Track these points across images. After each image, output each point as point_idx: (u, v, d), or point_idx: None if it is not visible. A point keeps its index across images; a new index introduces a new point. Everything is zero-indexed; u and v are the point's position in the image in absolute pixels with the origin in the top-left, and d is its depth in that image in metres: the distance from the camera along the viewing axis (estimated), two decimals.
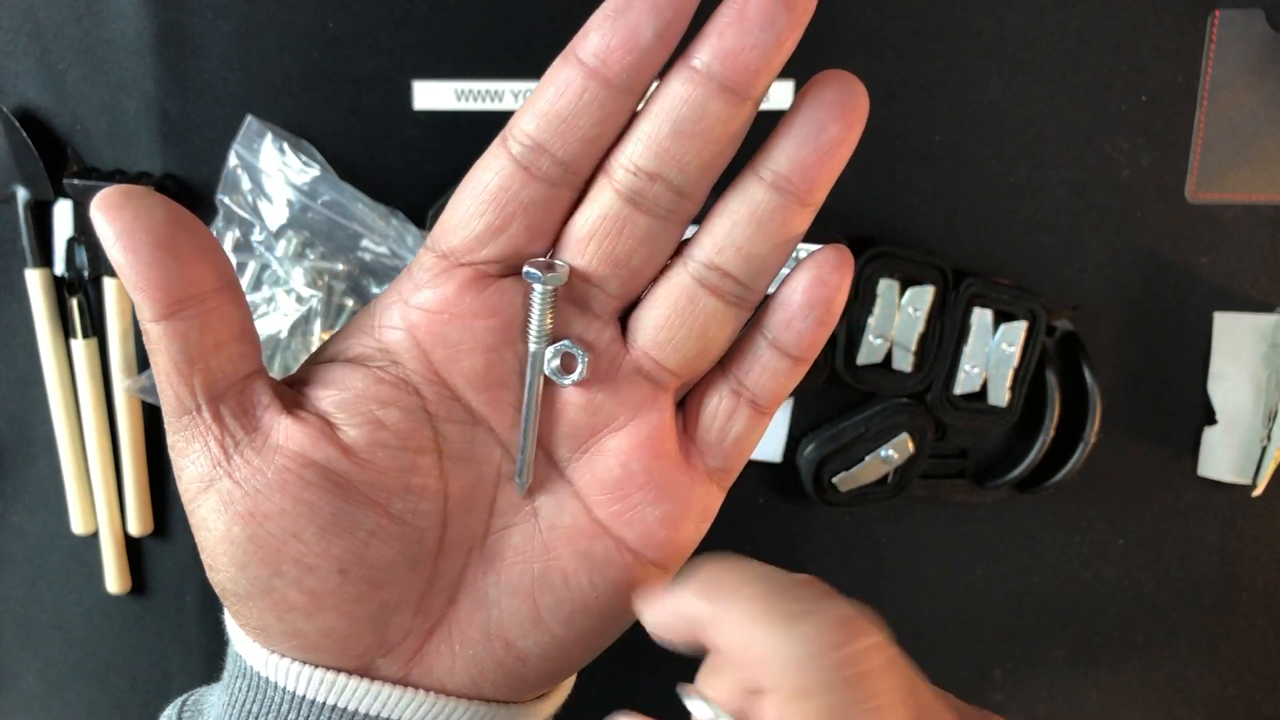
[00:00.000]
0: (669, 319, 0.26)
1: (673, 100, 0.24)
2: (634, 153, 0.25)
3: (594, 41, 0.24)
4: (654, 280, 0.27)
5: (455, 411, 0.27)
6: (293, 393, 0.26)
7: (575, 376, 0.26)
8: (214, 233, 0.49)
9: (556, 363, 0.26)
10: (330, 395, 0.26)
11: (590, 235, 0.26)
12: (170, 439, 0.25)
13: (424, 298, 0.26)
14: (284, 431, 0.25)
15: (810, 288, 0.26)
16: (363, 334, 0.27)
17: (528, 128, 0.25)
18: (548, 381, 0.27)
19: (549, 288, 0.25)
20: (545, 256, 0.26)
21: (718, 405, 0.28)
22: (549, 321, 0.26)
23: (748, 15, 0.23)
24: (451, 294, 0.26)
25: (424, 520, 0.26)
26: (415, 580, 0.26)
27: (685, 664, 0.26)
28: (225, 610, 0.27)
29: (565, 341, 0.26)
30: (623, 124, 0.25)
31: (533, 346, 0.26)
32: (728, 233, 0.26)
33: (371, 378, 0.26)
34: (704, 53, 0.24)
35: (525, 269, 0.25)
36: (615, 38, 0.24)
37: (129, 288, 0.24)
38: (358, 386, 0.26)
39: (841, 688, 0.21)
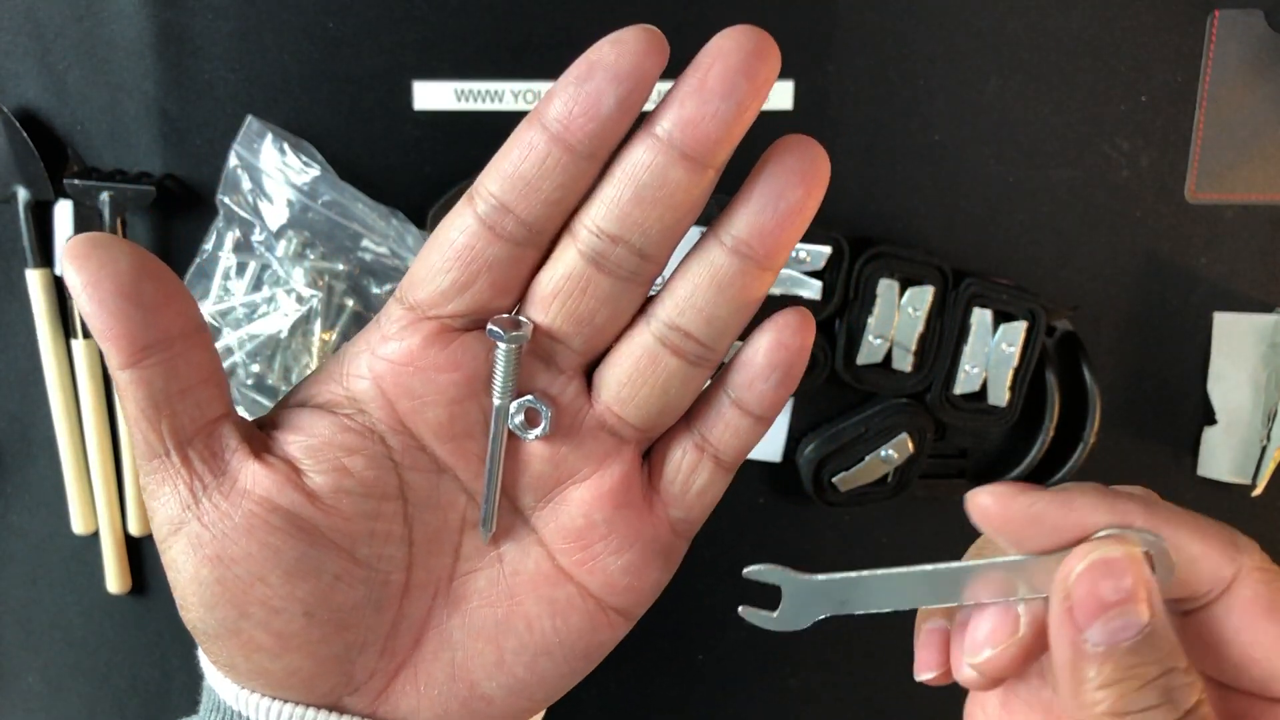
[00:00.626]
0: (631, 376, 0.27)
1: (634, 166, 0.25)
2: (597, 215, 0.25)
3: (557, 108, 0.24)
4: (618, 337, 0.27)
5: (420, 460, 0.27)
6: (261, 435, 0.27)
7: (538, 432, 0.27)
8: (214, 233, 0.49)
9: (520, 418, 0.27)
10: (297, 441, 0.26)
11: (554, 294, 0.26)
12: (141, 481, 0.26)
13: (390, 349, 0.26)
14: (251, 476, 0.26)
15: (771, 350, 0.27)
16: (331, 381, 0.27)
17: (492, 188, 0.25)
18: (512, 435, 0.27)
19: (513, 345, 0.26)
20: (510, 313, 0.26)
21: (681, 459, 0.28)
22: (513, 377, 0.26)
23: (709, 85, 0.24)
24: (416, 347, 0.26)
25: (389, 564, 0.27)
26: (380, 622, 0.27)
27: (685, 678, 0.26)
28: (199, 646, 0.28)
29: (529, 397, 0.27)
30: (586, 187, 0.25)
31: (497, 401, 0.26)
32: (689, 295, 0.26)
33: (338, 425, 0.26)
34: (666, 120, 0.24)
35: (489, 327, 0.26)
36: (577, 105, 0.24)
37: (96, 337, 0.24)
38: (324, 433, 0.26)
39: None
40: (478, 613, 0.28)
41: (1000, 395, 0.50)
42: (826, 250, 0.48)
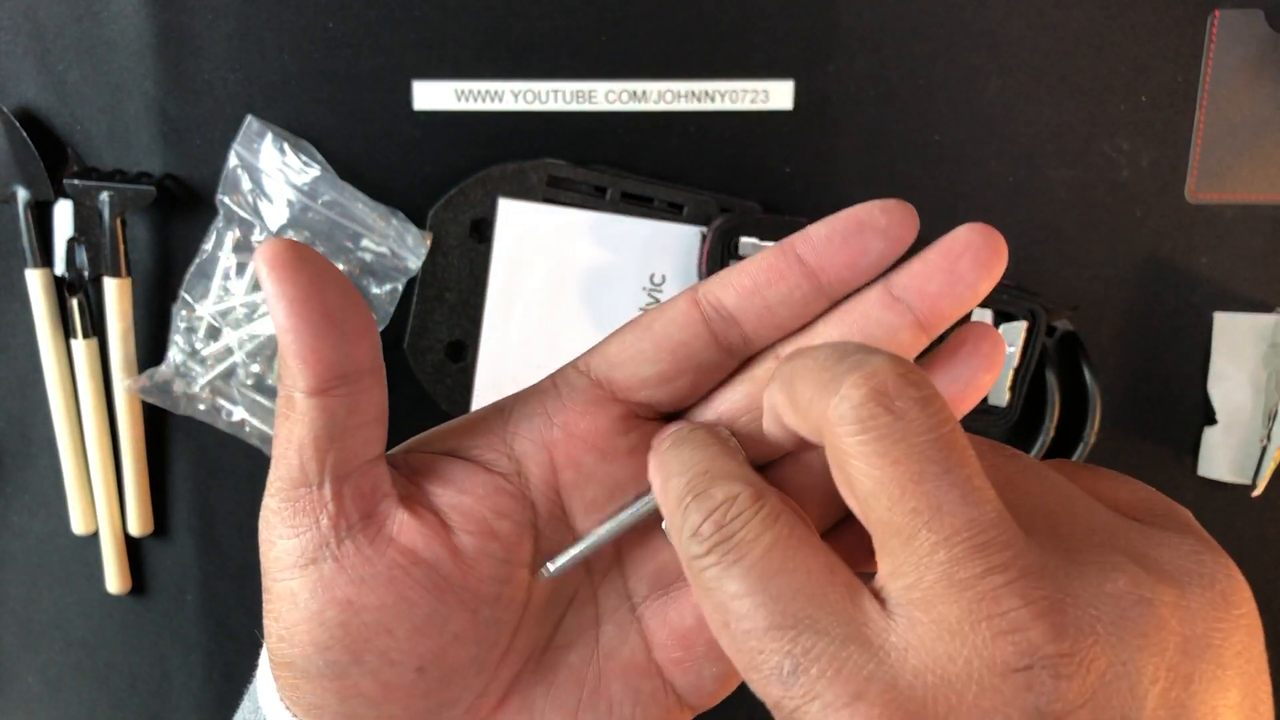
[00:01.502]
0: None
1: (866, 320, 0.26)
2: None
3: (821, 249, 0.25)
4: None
5: (559, 530, 0.27)
6: (406, 483, 0.26)
7: None
8: (214, 233, 0.49)
9: None
10: (449, 496, 0.26)
11: (747, 409, 0.27)
12: (273, 505, 0.25)
13: (573, 422, 0.27)
14: (399, 524, 0.25)
15: None
16: (491, 435, 0.27)
17: (727, 300, 0.26)
18: (648, 523, 0.27)
19: None
20: (691, 414, 0.27)
21: None
22: None
23: (958, 271, 0.25)
24: (604, 428, 0.27)
25: (501, 629, 0.26)
26: (477, 682, 0.27)
27: None
28: (264, 681, 0.27)
29: None
30: (809, 319, 0.26)
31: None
32: None
33: (493, 485, 0.26)
34: (906, 287, 0.26)
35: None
36: (842, 252, 0.25)
37: (288, 355, 0.24)
38: (479, 492, 0.26)
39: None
40: (564, 686, 0.28)
41: (1000, 395, 0.50)
42: None
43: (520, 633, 0.27)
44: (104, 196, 0.48)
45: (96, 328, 0.50)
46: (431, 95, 0.48)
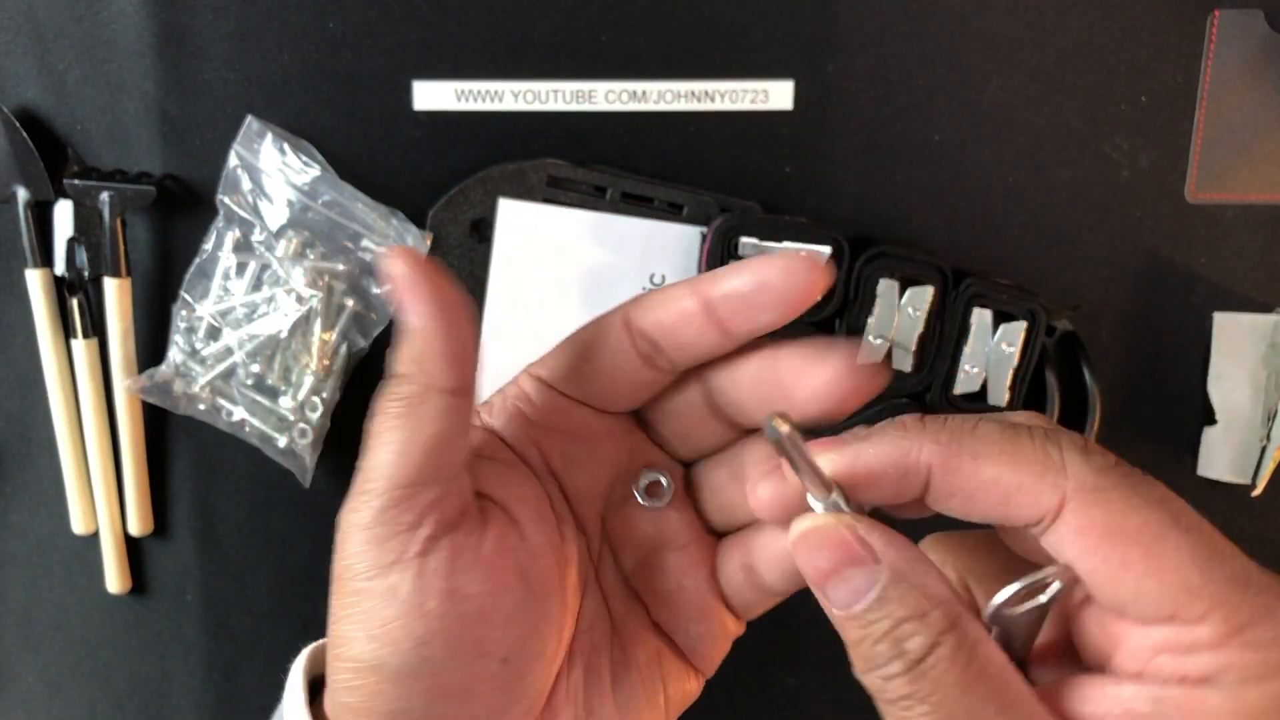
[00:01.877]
0: (728, 481, 0.30)
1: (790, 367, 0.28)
2: (737, 385, 0.28)
3: (723, 296, 0.26)
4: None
5: (568, 515, 0.29)
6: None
7: (657, 503, 0.30)
8: (214, 233, 0.49)
9: (643, 486, 0.30)
10: (495, 488, 0.28)
11: (676, 430, 0.30)
12: (378, 504, 0.25)
13: (546, 418, 0.29)
14: (488, 516, 0.27)
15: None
16: (489, 434, 0.29)
17: (651, 331, 0.27)
18: (626, 503, 0.30)
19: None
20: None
21: (735, 573, 0.30)
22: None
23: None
24: (577, 419, 0.29)
25: (554, 620, 0.28)
26: (543, 675, 0.27)
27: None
28: (293, 712, 0.27)
29: (660, 472, 0.30)
30: (723, 354, 0.28)
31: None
32: None
33: (522, 474, 0.28)
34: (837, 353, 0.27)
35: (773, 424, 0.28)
36: (741, 309, 0.26)
37: (437, 355, 0.25)
38: (514, 481, 0.28)
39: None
40: (597, 666, 0.29)
41: (1000, 395, 0.50)
42: (826, 250, 0.48)
43: (564, 623, 0.28)
44: (104, 196, 0.48)
45: (96, 328, 0.50)
46: (431, 95, 0.48)
